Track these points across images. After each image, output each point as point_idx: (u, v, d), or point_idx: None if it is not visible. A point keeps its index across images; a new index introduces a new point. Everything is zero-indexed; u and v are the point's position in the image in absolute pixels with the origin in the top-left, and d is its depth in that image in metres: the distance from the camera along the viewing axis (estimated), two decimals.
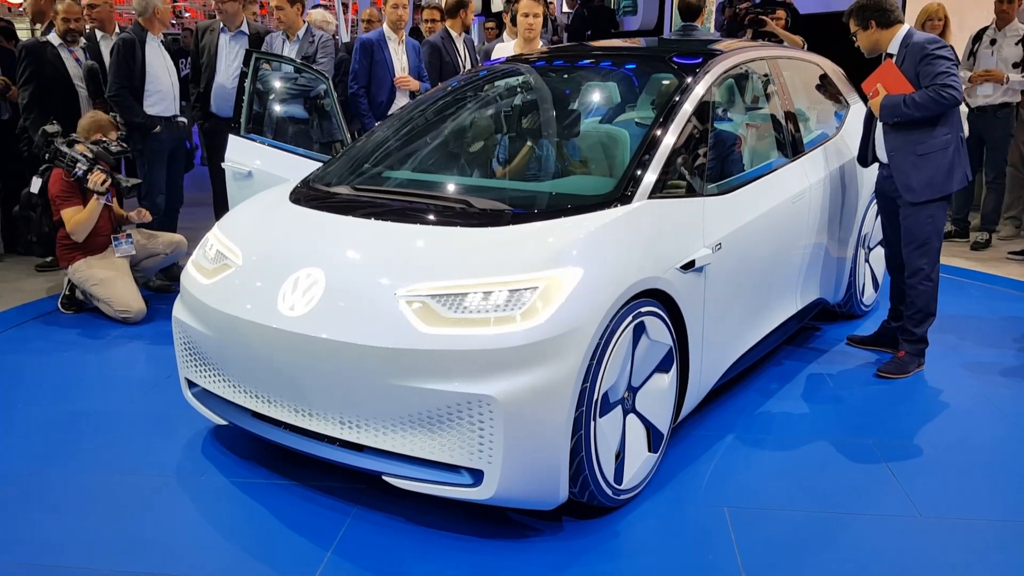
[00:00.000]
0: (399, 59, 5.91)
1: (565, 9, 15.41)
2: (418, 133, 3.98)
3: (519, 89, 4.26)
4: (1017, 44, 6.42)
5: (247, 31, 5.93)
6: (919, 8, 7.57)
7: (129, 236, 5.11)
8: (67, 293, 5.12)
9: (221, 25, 5.89)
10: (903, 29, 4.05)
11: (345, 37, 14.62)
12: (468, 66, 6.24)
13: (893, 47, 4.06)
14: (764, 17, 7.03)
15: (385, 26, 5.94)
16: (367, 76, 5.80)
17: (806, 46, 7.16)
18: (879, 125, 4.16)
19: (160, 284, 5.57)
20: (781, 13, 7.58)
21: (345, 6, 18.69)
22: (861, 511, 3.02)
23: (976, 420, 3.76)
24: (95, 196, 4.86)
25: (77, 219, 4.88)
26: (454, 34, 6.31)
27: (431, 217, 3.10)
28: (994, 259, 6.39)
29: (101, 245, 5.04)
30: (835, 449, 3.47)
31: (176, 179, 5.77)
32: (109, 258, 5.04)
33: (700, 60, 3.77)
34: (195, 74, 5.91)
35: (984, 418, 3.79)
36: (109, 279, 4.94)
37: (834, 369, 4.28)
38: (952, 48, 4.03)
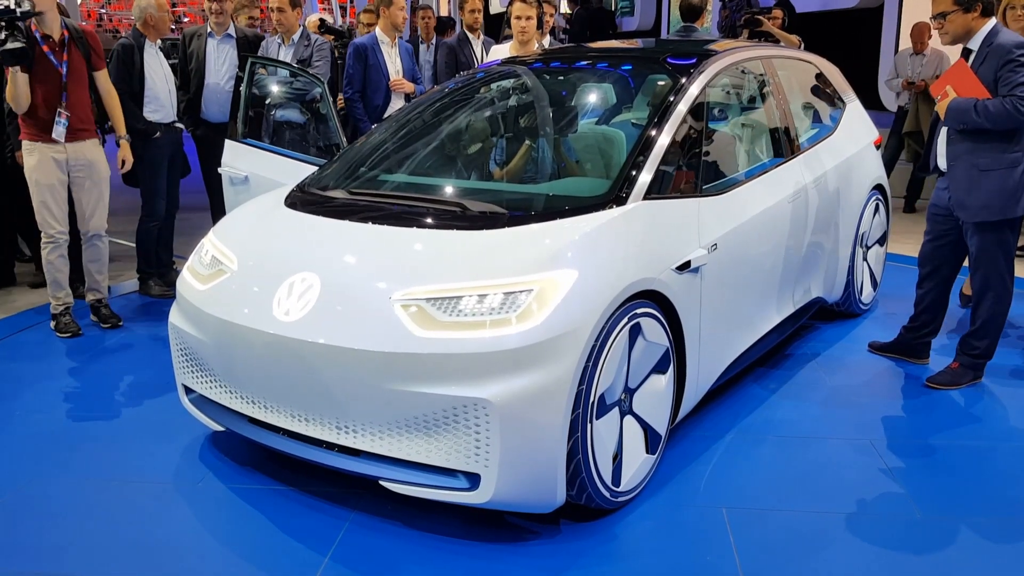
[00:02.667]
0: (393, 62, 5.92)
1: (564, 9, 15.43)
2: (413, 136, 3.98)
3: (514, 91, 4.26)
4: None
5: (234, 34, 5.93)
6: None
7: (68, 117, 4.68)
8: (55, 315, 4.95)
9: (209, 30, 5.89)
10: (991, 23, 3.70)
11: None
12: None
13: (975, 42, 3.71)
14: (760, 16, 7.03)
15: (378, 29, 5.95)
16: (361, 80, 5.81)
17: (803, 45, 7.16)
18: (943, 131, 3.85)
19: (160, 291, 5.58)
20: (778, 13, 7.59)
21: (343, 9, 18.73)
22: (860, 511, 3.01)
23: (975, 419, 3.75)
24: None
25: (8, 91, 4.59)
26: (471, 36, 6.34)
27: (426, 220, 3.10)
28: None
29: (45, 123, 4.67)
30: (833, 449, 3.46)
31: (173, 185, 5.78)
32: (50, 151, 4.70)
33: (695, 60, 3.77)
34: (183, 80, 5.89)
35: (984, 417, 3.78)
36: (44, 188, 4.70)
37: (832, 369, 4.28)
38: None
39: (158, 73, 5.43)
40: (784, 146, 4.15)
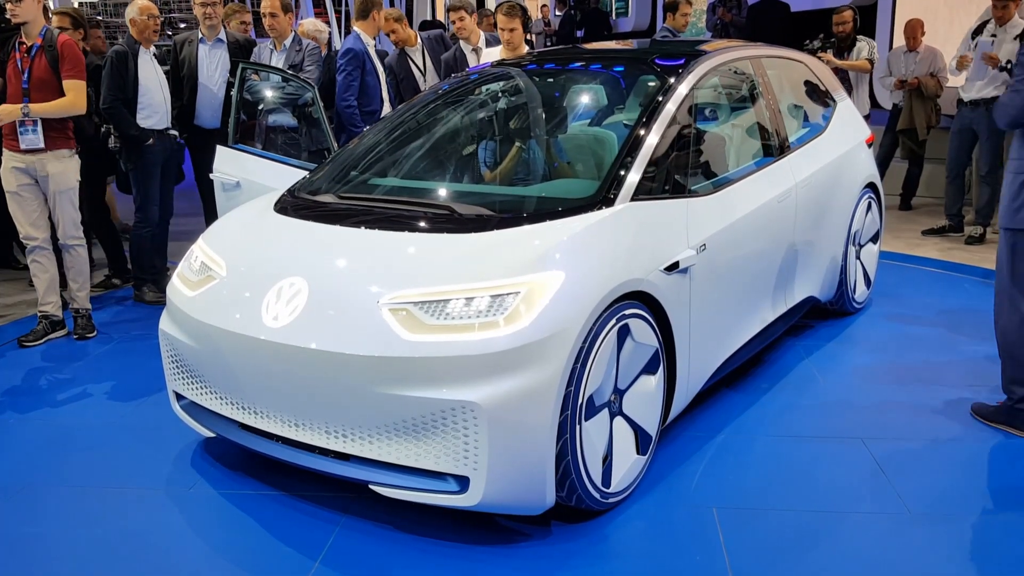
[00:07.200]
0: (379, 66, 5.95)
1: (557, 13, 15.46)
2: (403, 139, 3.98)
3: (504, 93, 4.27)
4: (1015, 39, 6.41)
5: (225, 39, 5.93)
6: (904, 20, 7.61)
7: (35, 124, 4.63)
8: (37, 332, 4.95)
9: (200, 36, 5.88)
10: None
11: (337, 44, 14.61)
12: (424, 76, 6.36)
13: None
14: (821, 54, 7.02)
15: (364, 34, 5.91)
16: (359, 88, 5.80)
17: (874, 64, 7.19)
18: None
19: (153, 297, 5.58)
20: (849, 14, 7.41)
21: (339, 13, 18.74)
22: (851, 509, 3.01)
23: (966, 416, 3.74)
24: None
25: None
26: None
27: (415, 224, 3.10)
28: (988, 253, 6.37)
29: (11, 129, 4.67)
30: (825, 448, 3.46)
31: (167, 191, 5.78)
32: (12, 159, 4.71)
33: (683, 61, 3.77)
34: (176, 87, 5.89)
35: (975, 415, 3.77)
36: (8, 195, 4.72)
37: (824, 368, 4.27)
38: None
39: (152, 79, 5.44)
40: (774, 145, 4.15)
